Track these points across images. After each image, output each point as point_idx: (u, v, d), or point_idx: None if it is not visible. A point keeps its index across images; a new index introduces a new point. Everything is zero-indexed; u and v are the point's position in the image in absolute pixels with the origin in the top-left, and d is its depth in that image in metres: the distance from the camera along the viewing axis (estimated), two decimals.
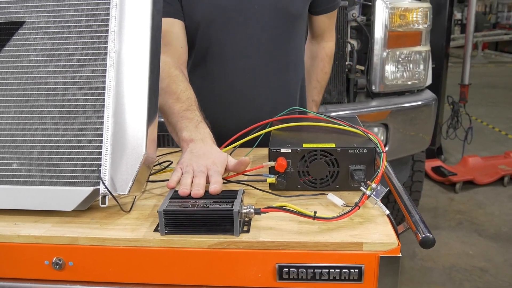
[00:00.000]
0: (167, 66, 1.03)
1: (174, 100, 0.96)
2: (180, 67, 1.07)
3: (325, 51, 1.36)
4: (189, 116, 0.93)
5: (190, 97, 0.98)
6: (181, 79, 1.02)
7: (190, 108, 0.95)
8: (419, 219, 0.74)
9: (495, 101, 6.47)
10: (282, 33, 1.16)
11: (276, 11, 1.13)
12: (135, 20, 0.78)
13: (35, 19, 0.82)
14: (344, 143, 0.83)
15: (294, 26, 1.17)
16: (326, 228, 0.70)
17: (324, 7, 1.26)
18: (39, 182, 0.78)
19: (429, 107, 2.03)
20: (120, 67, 0.77)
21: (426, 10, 1.99)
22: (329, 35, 1.35)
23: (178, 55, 1.09)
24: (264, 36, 1.14)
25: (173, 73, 1.02)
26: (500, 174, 3.44)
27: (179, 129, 0.92)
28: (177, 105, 0.95)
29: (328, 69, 1.38)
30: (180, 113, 0.94)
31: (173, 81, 1.00)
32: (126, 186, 0.74)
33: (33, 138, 0.80)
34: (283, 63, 1.20)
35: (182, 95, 0.97)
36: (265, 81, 1.19)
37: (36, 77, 0.81)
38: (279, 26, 1.15)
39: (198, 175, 0.79)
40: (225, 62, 1.15)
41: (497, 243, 2.64)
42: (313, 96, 1.38)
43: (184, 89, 0.99)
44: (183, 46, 1.12)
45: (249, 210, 0.69)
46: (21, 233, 0.71)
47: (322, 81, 1.38)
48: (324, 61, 1.37)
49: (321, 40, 1.35)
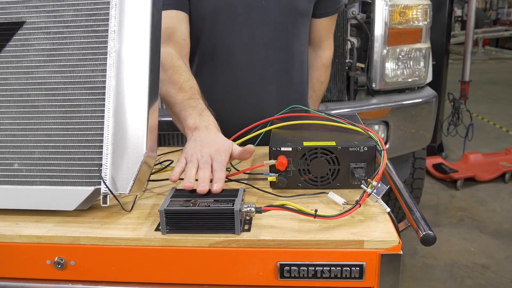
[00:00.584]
0: (170, 57, 1.03)
1: (177, 90, 0.96)
2: (182, 58, 1.07)
3: (322, 60, 1.34)
4: (192, 104, 0.93)
5: (193, 87, 0.98)
6: (184, 69, 1.02)
7: (194, 97, 0.95)
8: (420, 217, 0.74)
9: (496, 97, 6.47)
10: (288, 29, 1.17)
11: (283, 7, 1.14)
12: (135, 20, 0.78)
13: (35, 19, 0.82)
14: (344, 141, 0.83)
15: (300, 23, 1.18)
16: (327, 226, 0.70)
17: (326, 9, 1.25)
18: (40, 182, 0.78)
19: (430, 104, 2.03)
20: (120, 67, 0.77)
21: (426, 7, 1.99)
22: (326, 43, 1.34)
23: (180, 47, 1.10)
24: (270, 32, 1.15)
25: (176, 63, 1.02)
26: (501, 170, 3.44)
27: (183, 118, 0.92)
28: (180, 95, 0.95)
29: (324, 78, 1.36)
30: (183, 102, 0.94)
31: (176, 71, 1.00)
32: (127, 186, 0.74)
33: (34, 138, 0.80)
34: (289, 60, 1.20)
35: (185, 84, 0.98)
36: (271, 77, 1.19)
37: (37, 77, 0.81)
38: (285, 23, 1.15)
39: (202, 166, 0.78)
40: (231, 57, 1.16)
41: (499, 239, 2.64)
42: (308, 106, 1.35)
43: (187, 79, 0.99)
44: (185, 39, 1.12)
45: (250, 209, 0.70)
46: (23, 233, 0.71)
47: (318, 91, 1.37)
48: (321, 70, 1.35)
49: (318, 49, 1.34)
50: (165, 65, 1.02)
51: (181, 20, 1.11)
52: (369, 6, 1.96)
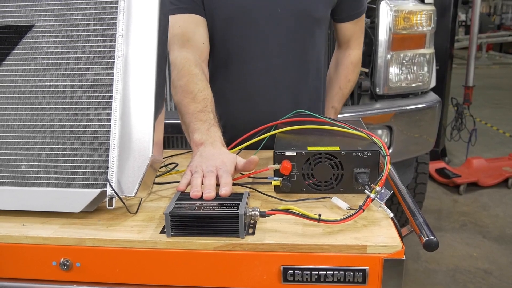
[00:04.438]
0: (187, 63, 1.04)
1: (190, 100, 0.98)
2: (201, 64, 1.08)
3: (350, 59, 1.31)
4: (202, 118, 0.95)
5: (206, 98, 0.99)
6: (200, 77, 1.03)
7: (205, 109, 0.96)
8: (423, 222, 0.75)
9: (500, 102, 6.45)
10: (303, 36, 1.16)
11: (298, 14, 1.13)
12: (142, 24, 0.79)
13: (44, 23, 0.83)
14: (348, 146, 0.83)
15: (316, 30, 1.17)
16: (330, 230, 0.71)
17: (348, 13, 1.23)
18: (47, 183, 0.79)
19: (433, 109, 2.03)
20: (127, 71, 0.78)
21: (430, 13, 1.99)
22: (355, 43, 1.31)
23: (200, 52, 1.10)
24: (285, 38, 1.14)
25: (193, 71, 1.03)
26: (504, 176, 3.43)
27: (191, 131, 0.94)
28: (193, 105, 0.97)
29: (352, 77, 1.33)
30: (194, 114, 0.95)
31: (192, 80, 1.01)
32: (132, 188, 0.75)
33: (41, 140, 0.81)
34: (304, 66, 1.19)
35: (198, 95, 0.99)
36: (286, 84, 1.18)
37: (45, 80, 0.82)
38: (300, 30, 1.15)
39: (207, 175, 0.79)
40: (245, 64, 1.16)
41: (502, 245, 2.63)
42: (333, 103, 1.34)
43: (201, 89, 1.00)
44: (204, 42, 1.12)
45: (255, 213, 0.70)
46: (29, 234, 0.72)
47: (344, 89, 1.34)
48: (348, 68, 1.32)
49: (347, 48, 1.31)
50: (182, 71, 1.03)
51: (199, 24, 1.11)
52: (374, 11, 1.96)
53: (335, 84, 1.33)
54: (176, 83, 1.03)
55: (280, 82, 1.18)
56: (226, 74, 1.18)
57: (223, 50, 1.16)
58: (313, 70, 1.21)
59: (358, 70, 1.35)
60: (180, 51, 1.06)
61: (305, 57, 1.18)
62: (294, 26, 1.14)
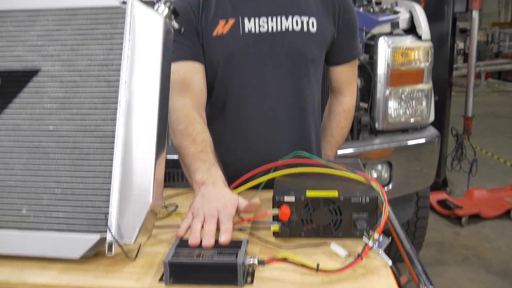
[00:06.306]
0: (185, 108, 1.08)
1: (190, 142, 1.01)
2: (199, 109, 1.12)
3: (342, 106, 1.32)
4: (203, 158, 0.97)
5: (205, 139, 1.02)
6: (198, 121, 1.07)
7: (205, 150, 0.99)
8: (421, 270, 0.75)
9: (500, 130, 6.47)
10: (299, 76, 1.18)
11: (292, 54, 1.16)
12: (145, 71, 0.81)
13: (50, 67, 0.85)
14: (346, 191, 0.84)
15: (310, 70, 1.19)
16: (329, 280, 0.70)
17: (341, 57, 1.25)
18: (47, 227, 0.80)
19: (433, 144, 2.05)
20: (130, 116, 0.79)
21: (428, 49, 2.04)
22: (347, 89, 1.31)
23: (197, 98, 1.14)
24: (281, 78, 1.17)
25: (191, 115, 1.07)
26: (506, 207, 3.41)
27: (192, 171, 0.96)
28: (192, 147, 1.00)
29: (344, 124, 1.34)
30: (194, 155, 0.98)
31: (191, 124, 1.05)
32: (132, 235, 0.75)
33: (43, 183, 0.82)
34: (301, 106, 1.21)
35: (198, 137, 1.02)
36: (283, 124, 1.20)
37: (49, 123, 0.83)
38: (295, 69, 1.18)
39: (208, 220, 0.80)
40: (242, 104, 1.18)
41: (505, 279, 2.59)
42: (325, 151, 1.34)
43: (200, 131, 1.04)
44: (202, 89, 1.16)
45: (253, 262, 0.70)
46: (28, 281, 0.72)
47: (336, 136, 1.34)
48: (341, 115, 1.32)
49: (339, 95, 1.32)
50: (181, 116, 1.06)
51: (197, 71, 1.15)
52: (372, 47, 2.01)
53: (327, 133, 1.35)
54: (175, 128, 1.06)
55: (277, 122, 1.20)
56: (222, 115, 1.21)
57: (220, 91, 1.19)
58: (309, 110, 1.23)
59: (351, 117, 1.36)
60: (178, 98, 1.10)
61: (301, 97, 1.20)
62: (289, 66, 1.17)
